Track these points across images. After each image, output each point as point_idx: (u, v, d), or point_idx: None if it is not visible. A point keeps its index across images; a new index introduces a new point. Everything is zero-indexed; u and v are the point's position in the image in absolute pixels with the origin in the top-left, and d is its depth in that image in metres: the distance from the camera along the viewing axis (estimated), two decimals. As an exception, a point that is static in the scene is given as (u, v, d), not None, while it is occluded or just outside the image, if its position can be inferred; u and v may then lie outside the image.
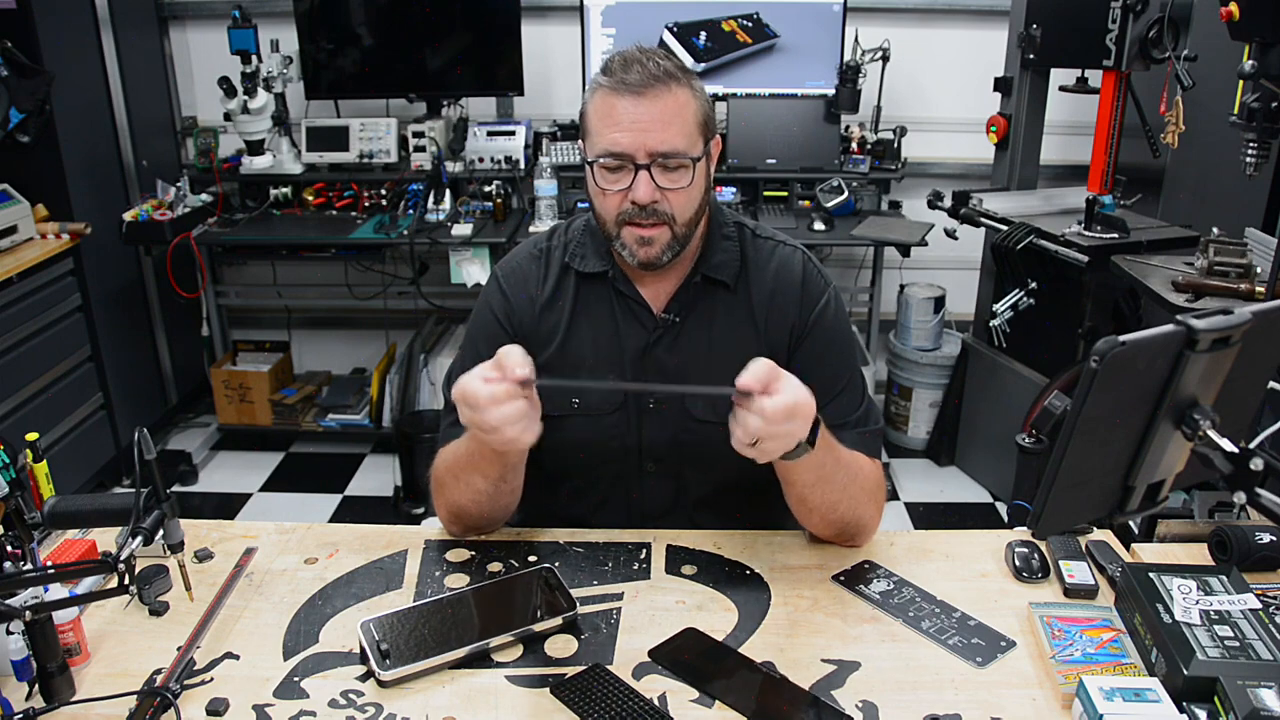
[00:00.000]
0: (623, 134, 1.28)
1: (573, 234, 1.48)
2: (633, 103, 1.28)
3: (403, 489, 3.31)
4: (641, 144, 1.28)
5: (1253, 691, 0.98)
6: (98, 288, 3.19)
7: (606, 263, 1.43)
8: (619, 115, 1.28)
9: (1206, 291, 2.27)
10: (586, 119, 1.34)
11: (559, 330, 1.43)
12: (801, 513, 1.34)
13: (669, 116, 1.29)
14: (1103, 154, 2.72)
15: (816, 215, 3.25)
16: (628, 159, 1.29)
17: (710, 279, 1.42)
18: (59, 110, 2.99)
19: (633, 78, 1.28)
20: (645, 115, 1.28)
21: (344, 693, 1.11)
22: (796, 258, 1.46)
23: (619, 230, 1.34)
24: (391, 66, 3.46)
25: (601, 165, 1.31)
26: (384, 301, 3.59)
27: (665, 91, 1.29)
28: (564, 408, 1.42)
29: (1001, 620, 1.23)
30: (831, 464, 1.27)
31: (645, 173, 1.29)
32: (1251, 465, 1.12)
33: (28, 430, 1.37)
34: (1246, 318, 1.04)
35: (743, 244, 1.45)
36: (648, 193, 1.29)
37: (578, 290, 1.44)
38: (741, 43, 3.35)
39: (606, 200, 1.33)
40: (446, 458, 1.38)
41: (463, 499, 1.36)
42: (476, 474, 1.32)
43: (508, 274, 1.48)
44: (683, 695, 1.11)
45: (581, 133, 1.38)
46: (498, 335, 1.44)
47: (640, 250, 1.34)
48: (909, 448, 3.63)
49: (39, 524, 1.13)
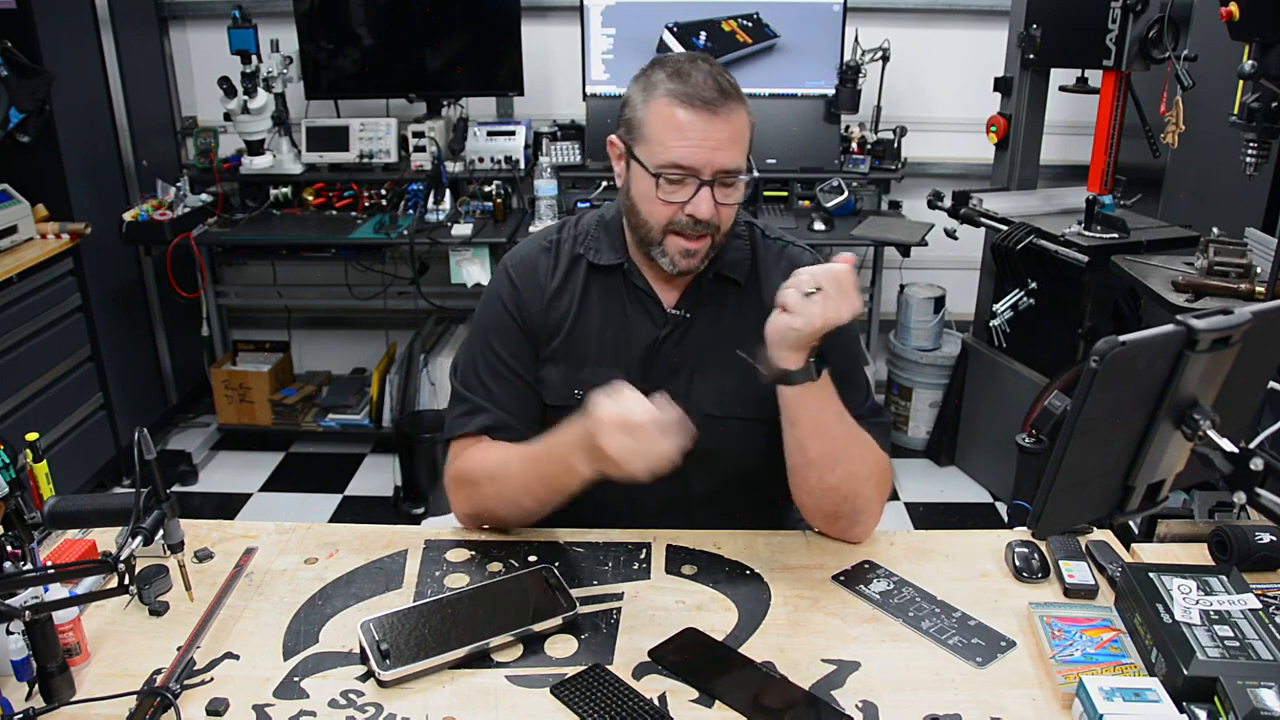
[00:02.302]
0: (692, 150, 1.28)
1: (583, 228, 1.48)
2: (705, 119, 1.28)
3: (403, 489, 3.30)
4: (709, 161, 1.28)
5: (1253, 691, 0.98)
6: (98, 288, 3.19)
7: (622, 256, 1.43)
8: (690, 130, 1.28)
9: (1206, 291, 2.27)
10: (644, 123, 1.31)
11: (566, 320, 1.44)
12: (800, 467, 1.34)
13: (736, 136, 1.30)
14: (1103, 154, 2.72)
15: (816, 215, 3.25)
16: (694, 174, 1.29)
17: (722, 276, 1.43)
18: (59, 110, 2.99)
19: (708, 94, 1.27)
20: (716, 133, 1.28)
21: (344, 693, 1.11)
22: (805, 257, 1.48)
23: (664, 238, 1.34)
24: (391, 66, 3.46)
25: (665, 178, 1.30)
26: (384, 301, 3.58)
27: (733, 111, 1.29)
28: (568, 399, 1.43)
29: (1001, 620, 1.23)
30: (834, 414, 1.31)
31: (708, 189, 1.30)
32: (1251, 465, 1.12)
33: (28, 430, 1.37)
34: (1246, 318, 1.04)
35: (753, 243, 1.47)
36: (709, 210, 1.30)
37: (588, 282, 1.44)
38: (741, 43, 3.35)
39: (658, 209, 1.32)
40: (493, 463, 1.37)
41: (499, 509, 1.37)
42: (528, 497, 1.33)
43: (517, 264, 1.48)
44: (683, 695, 1.11)
45: (632, 132, 1.34)
46: (507, 325, 1.44)
47: (682, 260, 1.35)
48: (909, 448, 3.63)
49: (39, 524, 1.13)
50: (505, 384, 1.43)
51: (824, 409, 1.30)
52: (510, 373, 1.43)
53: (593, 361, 1.43)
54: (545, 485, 1.31)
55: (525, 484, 1.33)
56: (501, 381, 1.43)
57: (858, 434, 1.35)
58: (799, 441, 1.32)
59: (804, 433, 1.31)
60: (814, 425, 1.31)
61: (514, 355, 1.44)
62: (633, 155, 1.34)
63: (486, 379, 1.43)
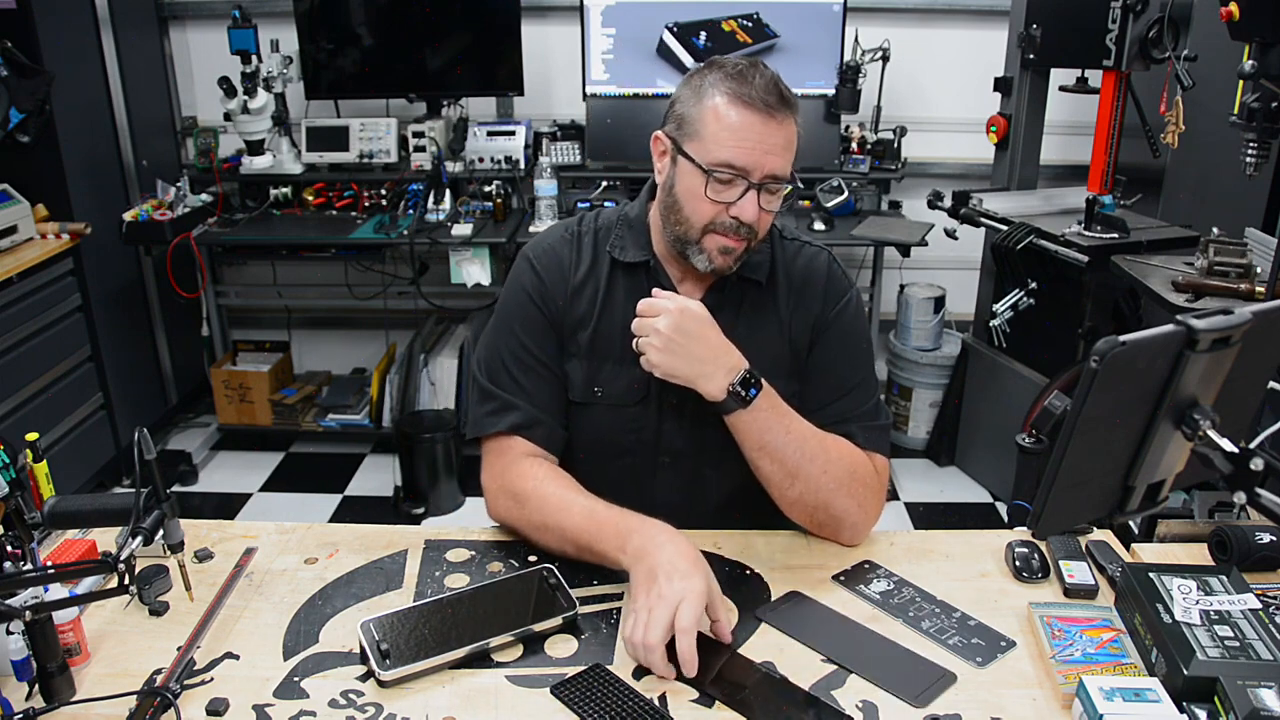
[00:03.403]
0: (748, 152, 1.28)
1: (604, 223, 1.48)
2: (763, 122, 1.28)
3: (403, 489, 3.31)
4: (761, 165, 1.29)
5: (1253, 691, 0.98)
6: (98, 288, 3.19)
7: (647, 254, 1.43)
8: (747, 131, 1.28)
9: (1206, 291, 2.27)
10: (699, 120, 1.31)
11: (592, 315, 1.43)
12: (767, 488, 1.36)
13: (788, 144, 1.31)
14: (1103, 154, 2.72)
15: (816, 215, 3.25)
16: (744, 175, 1.29)
17: (744, 277, 1.43)
18: (59, 110, 2.99)
19: (770, 99, 1.28)
20: (771, 138, 1.28)
21: (344, 693, 1.11)
22: (822, 257, 1.48)
23: (702, 236, 1.34)
24: (391, 66, 3.46)
25: (716, 176, 1.30)
26: (384, 301, 3.59)
27: (788, 118, 1.30)
28: (587, 396, 1.43)
29: (1001, 620, 1.23)
30: (781, 434, 1.31)
31: (755, 193, 1.30)
32: (1251, 465, 1.12)
33: (28, 430, 1.36)
34: (1246, 318, 1.04)
35: (773, 244, 1.47)
36: (754, 213, 1.30)
37: (612, 279, 1.44)
38: (741, 43, 3.35)
39: (703, 207, 1.32)
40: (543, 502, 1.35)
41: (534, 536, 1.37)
42: (569, 546, 1.32)
43: (540, 254, 1.47)
44: (683, 695, 1.11)
45: (683, 127, 1.33)
46: (533, 315, 1.43)
47: (720, 259, 1.35)
48: (909, 448, 3.63)
49: (39, 524, 1.13)
50: (534, 376, 1.42)
51: (765, 431, 1.31)
52: (538, 364, 1.42)
53: (614, 359, 1.42)
54: (587, 552, 1.30)
55: (569, 538, 1.32)
56: (530, 374, 1.42)
57: (816, 449, 1.34)
58: (750, 460, 1.34)
59: (750, 453, 1.33)
60: (757, 446, 1.32)
61: (540, 346, 1.43)
62: (681, 151, 1.33)
63: (515, 372, 1.42)
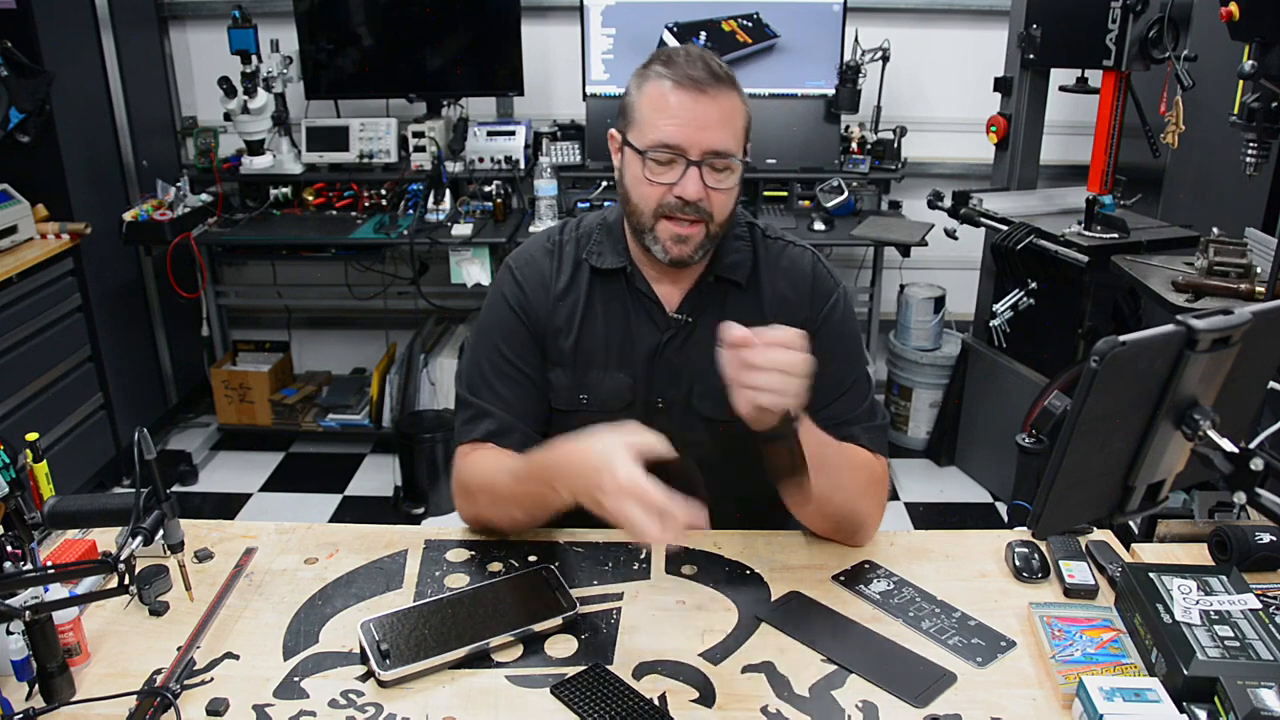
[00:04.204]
0: (679, 128, 1.28)
1: (585, 230, 1.48)
2: (694, 99, 1.28)
3: (403, 489, 3.31)
4: (696, 141, 1.29)
5: (1253, 691, 0.98)
6: (98, 288, 3.19)
7: (624, 259, 1.43)
8: (678, 109, 1.28)
9: (1206, 291, 2.27)
10: (636, 107, 1.33)
11: (573, 324, 1.43)
12: (799, 505, 1.33)
13: (725, 118, 1.30)
14: (1103, 154, 2.72)
15: (816, 215, 3.25)
16: (681, 153, 1.29)
17: (723, 278, 1.42)
18: (59, 110, 2.99)
19: (697, 74, 1.28)
20: (705, 113, 1.28)
21: (344, 693, 1.11)
22: (806, 257, 1.47)
23: (654, 223, 1.34)
24: (391, 66, 3.46)
25: (652, 157, 1.30)
26: (384, 301, 3.59)
27: (724, 93, 1.30)
28: (573, 403, 1.43)
29: (1001, 620, 1.23)
30: (821, 449, 1.27)
31: (696, 169, 1.29)
32: (1251, 465, 1.12)
33: (28, 430, 1.36)
34: (1246, 318, 1.04)
35: (754, 244, 1.46)
36: (696, 190, 1.30)
37: (591, 286, 1.44)
38: (741, 43, 3.35)
39: (648, 190, 1.32)
40: (486, 474, 1.36)
41: (494, 518, 1.37)
42: (518, 508, 1.33)
43: (521, 265, 1.47)
44: (683, 695, 1.11)
45: (625, 118, 1.36)
46: (513, 325, 1.44)
47: (674, 247, 1.34)
48: (909, 448, 3.63)
49: (39, 524, 1.13)
50: (512, 384, 1.42)
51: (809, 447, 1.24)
52: (517, 373, 1.43)
53: (598, 366, 1.42)
54: (533, 502, 1.30)
55: (515, 497, 1.32)
56: (508, 382, 1.42)
57: (847, 457, 1.34)
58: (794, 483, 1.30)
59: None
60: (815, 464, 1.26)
61: (520, 355, 1.43)
62: (626, 142, 1.35)
63: (493, 380, 1.43)
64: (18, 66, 2.85)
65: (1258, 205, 2.54)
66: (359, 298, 3.66)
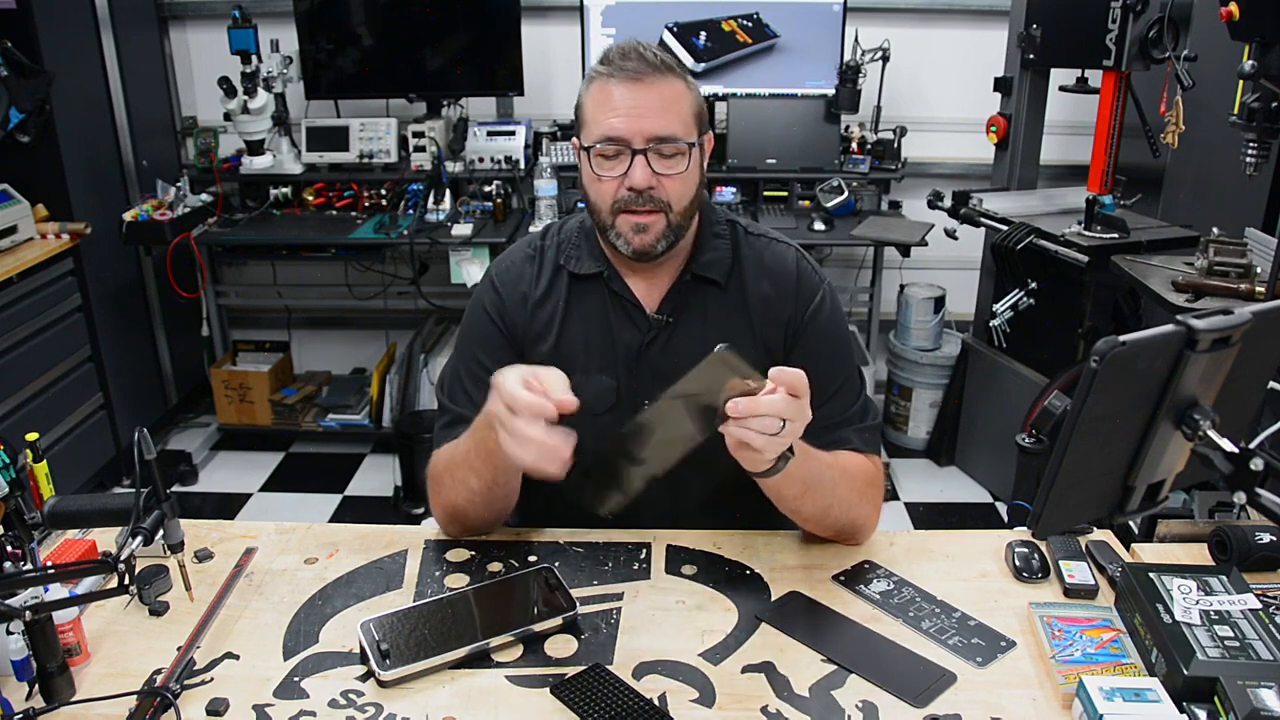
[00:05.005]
0: (620, 119, 1.29)
1: (566, 234, 1.48)
2: (630, 89, 1.29)
3: (403, 489, 3.31)
4: (638, 129, 1.29)
5: (1253, 691, 0.98)
6: (98, 288, 3.19)
7: (601, 263, 1.43)
8: (616, 101, 1.30)
9: (1206, 291, 2.27)
10: (583, 109, 1.36)
11: (552, 329, 1.43)
12: (796, 520, 1.35)
13: (666, 103, 1.30)
14: (1103, 154, 2.72)
15: (816, 215, 3.25)
16: (624, 144, 1.30)
17: (701, 277, 1.42)
18: (59, 110, 2.99)
19: (631, 65, 1.30)
20: (642, 101, 1.29)
21: (344, 693, 1.11)
22: (790, 255, 1.46)
23: (614, 219, 1.34)
24: (391, 66, 3.46)
25: (598, 152, 1.31)
26: (384, 301, 3.59)
27: (661, 80, 1.30)
28: None
29: (1001, 620, 1.23)
30: (816, 471, 1.27)
31: (642, 157, 1.30)
32: (1251, 465, 1.12)
33: (28, 430, 1.37)
34: (1246, 318, 1.04)
35: (735, 242, 1.45)
36: (644, 177, 1.30)
37: (570, 290, 1.44)
38: (741, 43, 3.35)
39: (602, 187, 1.33)
40: (444, 456, 1.38)
41: (458, 499, 1.36)
42: (471, 474, 1.32)
43: (501, 273, 1.48)
44: (683, 695, 1.11)
45: (577, 124, 1.38)
46: (491, 334, 1.44)
47: (635, 238, 1.33)
48: (909, 448, 3.63)
49: (39, 524, 1.13)
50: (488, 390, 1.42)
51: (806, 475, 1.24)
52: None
53: (580, 370, 1.41)
54: (482, 461, 1.29)
55: (467, 461, 1.32)
56: (484, 388, 1.40)
57: (839, 469, 1.32)
58: (791, 509, 1.31)
59: (794, 501, 1.29)
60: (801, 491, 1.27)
61: (497, 362, 1.41)
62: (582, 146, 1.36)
63: (470, 387, 1.43)
64: (18, 66, 2.85)
65: (1258, 205, 2.54)
66: (359, 298, 3.66)
